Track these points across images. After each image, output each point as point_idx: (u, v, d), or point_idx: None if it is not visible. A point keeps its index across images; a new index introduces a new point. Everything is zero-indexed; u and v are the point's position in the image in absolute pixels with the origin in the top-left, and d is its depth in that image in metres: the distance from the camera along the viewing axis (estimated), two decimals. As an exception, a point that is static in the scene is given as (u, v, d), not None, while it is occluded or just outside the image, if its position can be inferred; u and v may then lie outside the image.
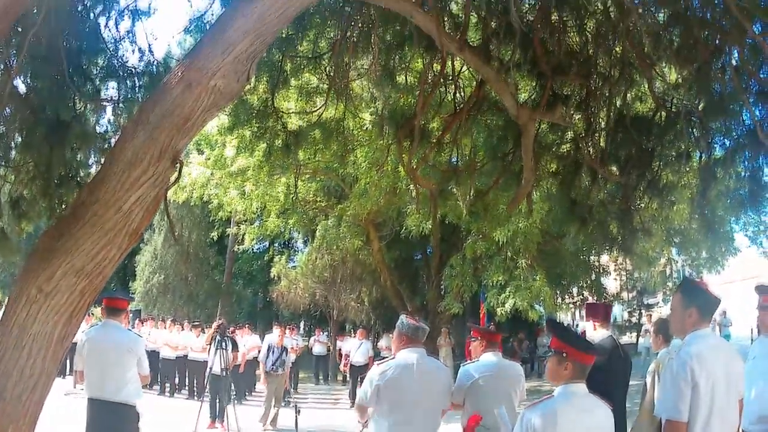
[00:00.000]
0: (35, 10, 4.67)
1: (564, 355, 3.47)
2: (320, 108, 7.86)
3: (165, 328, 18.34)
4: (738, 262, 27.67)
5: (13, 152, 6.55)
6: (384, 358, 5.54)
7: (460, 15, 7.04)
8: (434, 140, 7.63)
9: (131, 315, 23.83)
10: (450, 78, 7.57)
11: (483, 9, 6.82)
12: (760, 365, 4.93)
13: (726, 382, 3.57)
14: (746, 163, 6.71)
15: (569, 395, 3.39)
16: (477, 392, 5.38)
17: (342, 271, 21.96)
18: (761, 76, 5.82)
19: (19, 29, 5.23)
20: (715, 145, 7.15)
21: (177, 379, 17.42)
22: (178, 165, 3.55)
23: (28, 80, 6.05)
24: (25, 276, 3.31)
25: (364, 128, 14.36)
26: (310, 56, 7.59)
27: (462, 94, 7.91)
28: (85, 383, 6.10)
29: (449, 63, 7.31)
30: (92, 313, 14.92)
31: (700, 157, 7.12)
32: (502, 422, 4.56)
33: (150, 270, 29.09)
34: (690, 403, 3.50)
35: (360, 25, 7.21)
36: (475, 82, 7.78)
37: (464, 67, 7.81)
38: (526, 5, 7.49)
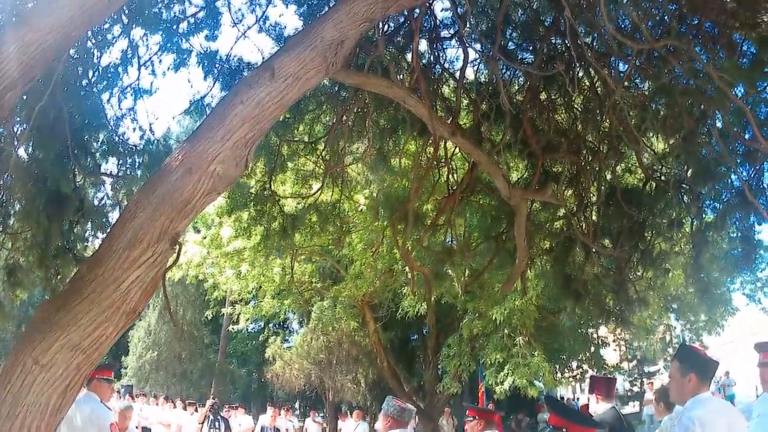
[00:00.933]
0: (41, 82, 4.79)
1: (564, 431, 3.45)
2: (316, 192, 7.98)
3: (157, 404, 17.94)
4: (737, 321, 27.44)
5: (12, 220, 6.59)
6: None
7: (452, 98, 7.25)
8: (428, 222, 7.74)
9: (123, 390, 23.38)
10: (443, 161, 7.73)
11: (473, 92, 7.03)
12: (764, 423, 4.87)
13: None
14: (737, 224, 6.80)
15: None
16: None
17: (338, 352, 21.73)
18: (746, 137, 5.95)
19: (25, 98, 5.35)
20: (706, 210, 7.27)
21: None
22: (177, 247, 3.59)
23: (31, 150, 6.15)
24: (21, 346, 3.29)
25: (360, 210, 14.52)
26: (306, 140, 7.76)
27: (455, 176, 8.06)
28: None
29: (442, 146, 7.48)
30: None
31: (692, 223, 7.22)
32: None
33: (143, 346, 28.72)
34: None
35: (355, 109, 7.41)
36: (467, 164, 7.94)
37: (457, 150, 7.99)
38: (516, 86, 7.73)
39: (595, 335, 26.60)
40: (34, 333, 3.30)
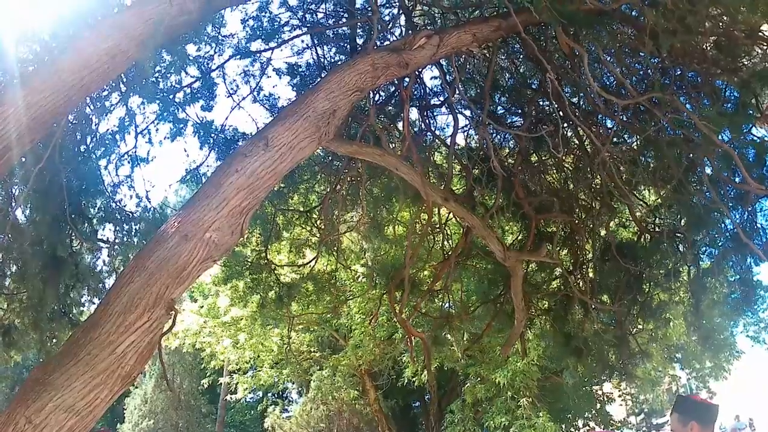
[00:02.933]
0: (41, 146, 4.86)
1: None
2: (312, 261, 8.00)
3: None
4: (744, 364, 27.03)
5: (8, 281, 6.57)
6: None
7: (444, 165, 7.35)
8: (425, 289, 7.74)
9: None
10: (437, 227, 7.79)
11: (465, 157, 7.14)
12: None
13: None
14: (735, 267, 6.80)
15: None
16: None
17: (338, 421, 21.31)
18: (736, 180, 6.00)
19: (24, 160, 5.41)
20: (702, 257, 7.27)
21: None
22: (172, 313, 3.58)
23: (28, 212, 6.18)
24: (15, 405, 3.23)
25: (357, 279, 14.53)
26: (301, 210, 7.83)
27: (450, 242, 8.10)
28: None
29: (436, 212, 7.55)
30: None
31: (689, 270, 7.21)
32: None
33: (139, 414, 28.07)
34: None
35: (348, 179, 7.51)
36: (462, 229, 7.99)
37: (451, 216, 8.07)
38: (506, 149, 7.85)
39: (599, 392, 26.22)
40: (28, 392, 3.25)
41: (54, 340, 6.56)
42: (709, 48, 5.72)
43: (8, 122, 3.56)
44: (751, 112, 5.48)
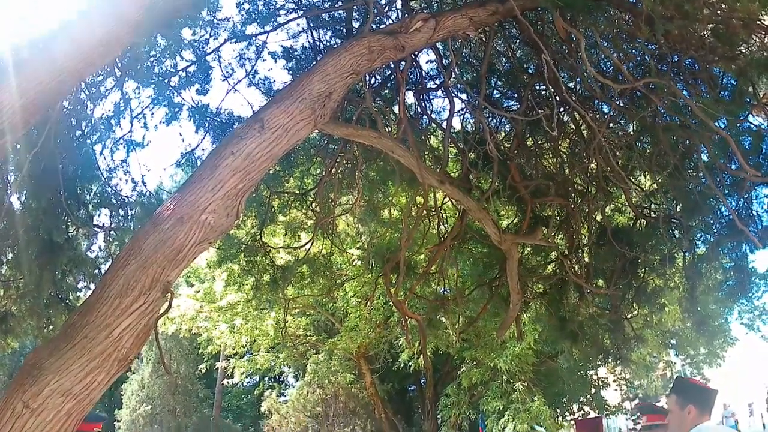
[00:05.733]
0: (36, 131, 4.84)
1: None
2: (307, 243, 8.00)
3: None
4: (738, 351, 27.19)
5: (5, 267, 6.56)
6: None
7: (440, 148, 7.34)
8: (420, 272, 7.75)
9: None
10: (433, 210, 7.79)
11: (461, 141, 7.14)
12: None
13: None
14: (730, 254, 6.83)
15: None
16: None
17: (335, 405, 21.44)
18: (732, 167, 6.02)
19: (18, 147, 5.39)
20: (698, 243, 7.30)
21: None
22: (168, 296, 3.58)
23: (24, 199, 6.15)
24: (12, 389, 3.24)
25: (352, 263, 14.55)
26: (296, 192, 7.81)
27: (445, 225, 8.11)
28: None
29: (432, 196, 7.55)
30: None
31: (684, 256, 7.24)
32: None
33: (137, 399, 28.19)
34: None
35: (344, 162, 7.49)
36: (457, 213, 8.00)
37: (446, 199, 8.07)
38: (502, 133, 7.85)
39: (594, 376, 26.38)
40: (25, 377, 3.25)
41: (51, 327, 6.54)
42: (706, 35, 5.70)
43: (2, 108, 3.53)
44: (748, 100, 5.47)
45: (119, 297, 3.40)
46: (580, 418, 23.02)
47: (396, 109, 6.92)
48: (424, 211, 7.48)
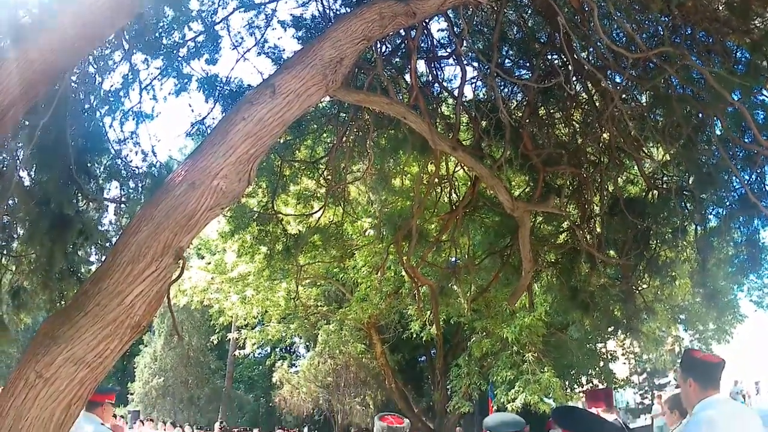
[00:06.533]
0: (43, 105, 4.83)
1: None
2: (318, 211, 7.99)
3: (165, 430, 17.88)
4: (746, 328, 27.24)
5: (16, 242, 6.59)
6: None
7: (452, 116, 7.29)
8: (432, 240, 7.73)
9: (130, 416, 23.19)
10: (444, 178, 7.76)
11: (473, 109, 7.08)
12: None
13: None
14: (742, 228, 6.79)
15: None
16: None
17: (345, 375, 21.63)
18: (745, 141, 5.96)
19: (27, 123, 5.38)
20: (710, 216, 7.26)
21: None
22: (181, 262, 3.56)
23: (34, 173, 6.17)
24: (25, 360, 3.25)
25: (364, 232, 14.56)
26: (308, 161, 7.80)
27: (457, 193, 8.08)
28: None
29: (443, 164, 7.51)
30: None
31: (696, 230, 7.20)
32: None
33: (149, 372, 28.64)
34: None
35: (355, 130, 7.46)
36: (469, 182, 7.97)
37: (458, 167, 8.03)
38: (514, 102, 7.78)
39: (603, 349, 26.47)
40: (38, 347, 3.26)
41: (63, 300, 6.54)
42: (720, 8, 5.61)
43: (11, 78, 3.51)
44: (762, 75, 5.39)
45: (131, 264, 3.39)
46: (590, 389, 23.16)
47: (407, 78, 6.86)
48: (436, 179, 7.44)
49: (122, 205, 6.91)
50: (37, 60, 3.59)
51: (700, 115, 6.25)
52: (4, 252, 6.56)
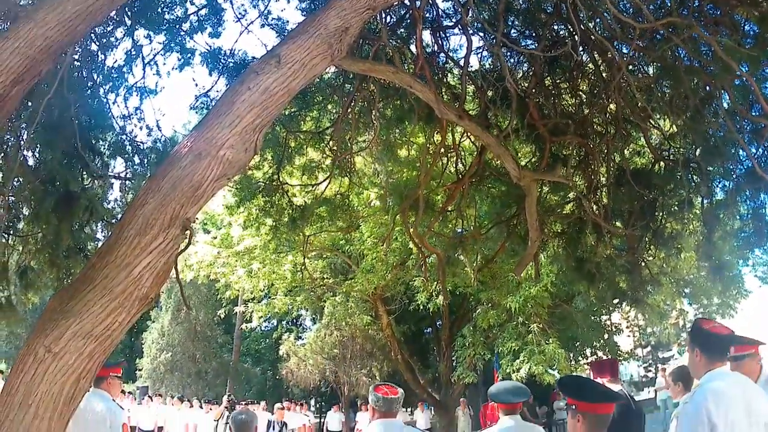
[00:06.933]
0: (46, 86, 4.82)
1: (574, 408, 3.41)
2: (324, 180, 7.98)
3: (172, 405, 18.10)
4: (750, 304, 27.29)
5: (22, 223, 6.60)
6: None
7: (457, 86, 7.25)
8: (438, 210, 7.72)
9: (138, 391, 23.43)
10: (451, 148, 7.73)
11: (479, 79, 7.03)
12: None
13: (749, 420, 3.41)
14: (748, 202, 6.77)
15: None
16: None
17: (352, 347, 21.75)
18: (753, 114, 5.92)
19: (30, 104, 5.37)
20: (716, 189, 7.24)
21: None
22: (188, 233, 3.57)
23: (38, 153, 6.17)
24: (34, 336, 3.27)
25: (369, 204, 14.57)
26: (313, 132, 7.77)
27: (463, 163, 8.06)
28: None
29: (449, 134, 7.48)
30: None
31: (702, 202, 7.18)
32: None
33: (157, 348, 28.84)
34: None
35: (361, 101, 7.42)
36: (475, 152, 7.94)
37: (464, 138, 7.99)
38: (520, 72, 7.72)
39: (608, 322, 26.60)
40: (46, 322, 3.28)
41: (70, 278, 6.56)
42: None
43: (13, 56, 3.50)
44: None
45: (138, 236, 3.39)
46: (595, 360, 23.31)
47: (413, 48, 6.81)
48: (442, 149, 7.42)
49: (127, 182, 6.91)
50: (39, 37, 3.57)
51: (708, 87, 6.19)
52: (11, 232, 6.57)
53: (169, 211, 3.46)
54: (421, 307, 17.55)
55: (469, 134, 7.58)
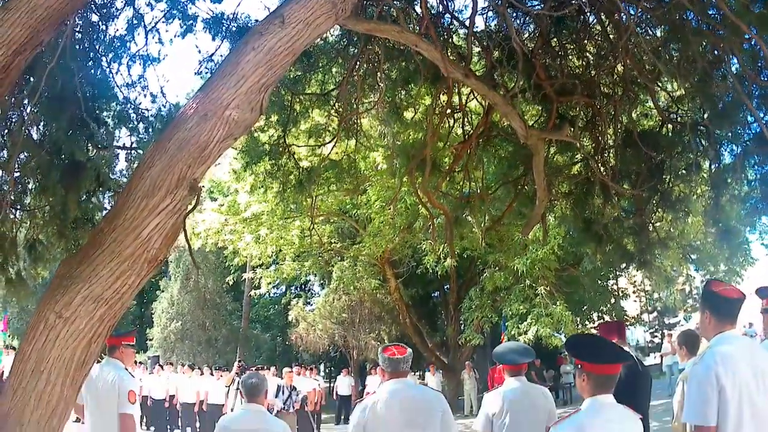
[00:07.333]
0: (48, 57, 4.80)
1: (580, 367, 3.44)
2: (331, 140, 7.95)
3: (183, 373, 18.35)
4: (757, 272, 27.28)
5: (29, 197, 6.63)
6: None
7: (463, 47, 7.18)
8: (445, 170, 7.69)
9: (150, 361, 23.73)
10: (457, 108, 7.68)
11: (485, 39, 6.96)
12: None
13: (756, 382, 3.45)
14: (756, 167, 6.74)
15: (596, 407, 3.29)
16: (502, 417, 5.27)
17: (360, 311, 21.92)
18: (762, 79, 5.86)
19: (31, 78, 5.36)
20: (724, 153, 7.20)
21: (198, 424, 17.15)
22: (196, 193, 3.58)
23: (42, 125, 6.16)
24: (43, 302, 3.29)
25: (376, 167, 14.54)
26: (318, 94, 7.73)
27: (470, 123, 8.01)
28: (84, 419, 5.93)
29: (456, 94, 7.43)
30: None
31: (710, 166, 7.14)
32: None
33: (167, 317, 29.16)
34: (718, 407, 3.41)
35: (365, 63, 7.36)
36: (482, 112, 7.89)
37: (471, 100, 7.93)
38: (527, 32, 7.63)
39: (615, 286, 26.70)
40: (56, 288, 3.29)
41: (79, 249, 6.60)
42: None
43: (16, 26, 3.48)
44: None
45: (146, 198, 3.39)
46: (602, 322, 23.44)
47: (417, 8, 6.73)
48: (449, 110, 7.37)
49: (133, 152, 6.91)
50: (40, 7, 3.55)
51: (716, 51, 6.11)
52: (18, 207, 6.59)
53: (176, 171, 3.46)
54: (429, 271, 17.57)
55: (475, 94, 7.53)
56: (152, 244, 3.41)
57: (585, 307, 24.59)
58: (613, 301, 24.69)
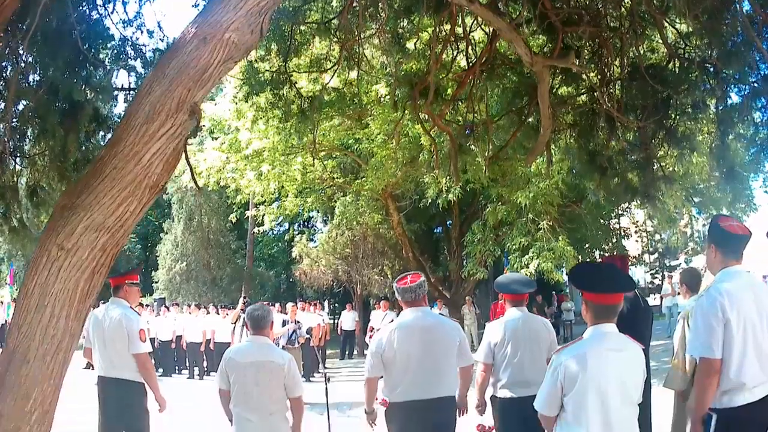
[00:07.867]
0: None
1: (581, 295, 3.48)
2: (333, 66, 7.81)
3: (190, 313, 18.59)
4: (759, 219, 27.33)
5: (28, 143, 6.57)
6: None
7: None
8: (449, 98, 7.58)
9: (156, 303, 24.01)
10: (461, 36, 7.53)
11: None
12: None
13: (759, 316, 3.52)
14: (763, 109, 6.66)
15: (598, 335, 3.34)
16: (503, 346, 5.32)
17: (363, 246, 21.92)
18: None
19: (23, 27, 5.24)
20: (731, 93, 7.09)
21: (206, 363, 17.45)
22: (196, 117, 3.54)
23: (39, 67, 6.06)
24: (45, 235, 3.28)
25: (378, 100, 14.32)
26: (319, 22, 7.57)
27: (475, 51, 7.87)
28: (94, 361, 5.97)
29: (459, 23, 7.28)
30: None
31: (717, 105, 7.05)
32: None
33: (171, 258, 29.37)
34: (723, 339, 3.46)
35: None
36: (486, 40, 7.75)
37: (474, 29, 7.77)
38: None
39: (617, 225, 26.78)
40: (57, 220, 3.28)
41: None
42: None
43: None
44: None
45: (146, 123, 3.37)
46: (605, 255, 23.58)
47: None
48: (452, 36, 7.22)
49: (132, 93, 6.80)
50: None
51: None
52: (17, 155, 6.52)
53: (176, 96, 3.43)
54: (432, 204, 17.52)
55: (480, 22, 7.37)
56: (153, 169, 3.40)
57: (587, 245, 24.70)
58: (615, 240, 24.78)
